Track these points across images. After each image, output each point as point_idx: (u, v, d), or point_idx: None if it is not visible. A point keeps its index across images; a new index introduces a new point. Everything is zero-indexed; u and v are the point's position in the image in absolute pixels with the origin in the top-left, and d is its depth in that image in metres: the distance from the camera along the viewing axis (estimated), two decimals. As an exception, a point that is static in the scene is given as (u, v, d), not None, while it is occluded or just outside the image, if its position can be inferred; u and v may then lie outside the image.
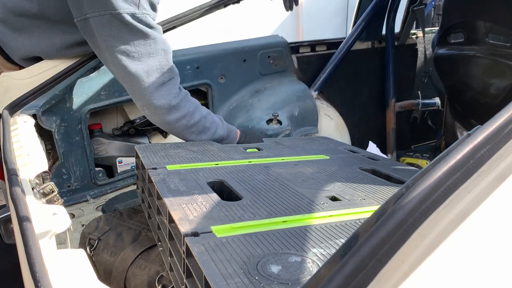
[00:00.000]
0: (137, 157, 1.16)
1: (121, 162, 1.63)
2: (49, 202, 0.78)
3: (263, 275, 0.57)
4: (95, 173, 1.52)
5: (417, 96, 2.34)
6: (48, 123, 1.33)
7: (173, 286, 0.82)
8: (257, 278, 0.57)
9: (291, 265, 0.60)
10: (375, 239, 0.39)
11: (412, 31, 2.43)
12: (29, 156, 0.90)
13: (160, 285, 0.90)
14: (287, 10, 1.66)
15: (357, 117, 2.27)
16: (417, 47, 2.45)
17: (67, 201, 1.46)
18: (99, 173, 1.54)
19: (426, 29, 2.41)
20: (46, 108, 1.30)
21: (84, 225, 1.28)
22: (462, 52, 1.92)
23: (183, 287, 0.71)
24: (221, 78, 1.81)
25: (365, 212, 0.82)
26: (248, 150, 1.27)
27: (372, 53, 2.28)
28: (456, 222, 0.43)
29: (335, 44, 2.16)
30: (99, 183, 1.54)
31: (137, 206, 1.22)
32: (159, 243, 0.92)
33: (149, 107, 1.23)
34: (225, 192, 0.94)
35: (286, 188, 0.93)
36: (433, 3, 2.63)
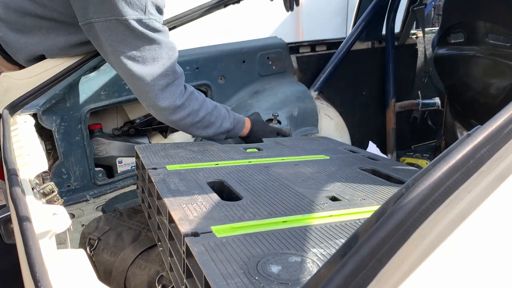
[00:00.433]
0: (137, 157, 1.16)
1: (121, 162, 1.63)
2: (49, 202, 0.78)
3: (263, 275, 0.57)
4: (95, 173, 1.52)
5: (417, 96, 2.34)
6: (48, 122, 1.33)
7: (173, 286, 0.82)
8: (257, 278, 0.57)
9: (291, 265, 0.60)
10: (375, 239, 0.39)
11: (412, 31, 2.43)
12: (29, 156, 0.90)
13: (160, 285, 0.90)
14: (288, 10, 1.65)
15: (357, 117, 2.27)
16: (417, 47, 2.45)
17: (67, 201, 1.46)
18: (99, 173, 1.54)
19: (426, 29, 2.41)
20: (46, 108, 1.30)
21: (84, 225, 1.28)
22: (462, 52, 1.92)
23: (183, 287, 0.71)
24: (220, 79, 1.82)
25: (365, 212, 0.82)
26: (248, 150, 1.27)
27: (372, 53, 2.28)
28: (456, 222, 0.43)
29: (335, 44, 2.16)
30: (99, 183, 1.54)
31: (137, 206, 1.22)
32: (159, 243, 0.92)
33: (154, 108, 1.25)
34: (225, 192, 0.94)
35: (286, 188, 0.93)
36: (433, 3, 2.63)
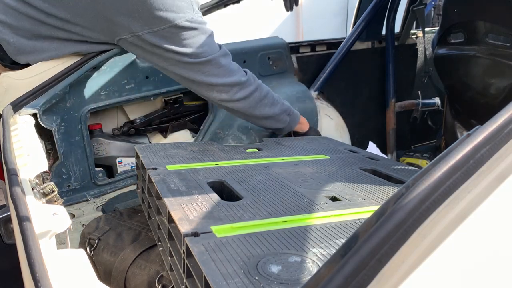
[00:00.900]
0: (137, 157, 1.16)
1: (121, 162, 1.63)
2: (49, 202, 0.77)
3: (263, 275, 0.57)
4: (95, 173, 1.52)
5: (417, 96, 2.34)
6: (48, 122, 1.33)
7: (173, 286, 0.82)
8: (257, 278, 0.57)
9: (291, 265, 0.60)
10: (375, 239, 0.39)
11: (412, 31, 2.43)
12: (29, 156, 0.90)
13: (160, 285, 0.90)
14: (287, 10, 1.66)
15: (357, 117, 2.27)
16: (417, 47, 2.45)
17: (67, 201, 1.46)
18: (99, 173, 1.54)
19: (426, 29, 2.41)
20: (47, 108, 1.30)
21: (84, 225, 1.28)
22: (462, 52, 1.92)
23: (183, 287, 0.71)
24: None
25: (365, 212, 0.82)
26: (248, 150, 1.28)
27: (372, 53, 2.28)
28: (456, 222, 0.43)
29: (335, 44, 2.16)
30: (99, 183, 1.54)
31: (137, 206, 1.22)
32: (159, 243, 0.92)
33: (225, 88, 1.31)
34: (225, 192, 0.94)
35: (286, 188, 0.93)
36: (433, 3, 2.62)
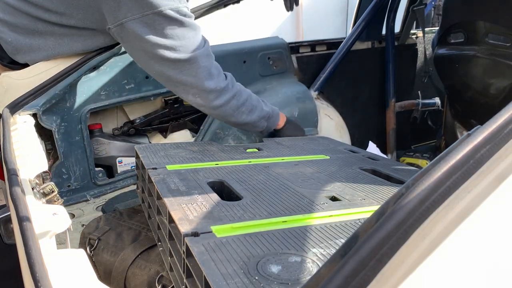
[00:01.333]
0: (137, 157, 1.16)
1: (121, 162, 1.63)
2: (49, 202, 0.77)
3: (263, 275, 0.57)
4: (95, 173, 1.52)
5: (417, 96, 2.34)
6: (48, 122, 1.33)
7: (173, 286, 0.82)
8: (257, 278, 0.57)
9: (291, 265, 0.60)
10: (375, 239, 0.39)
11: (412, 31, 2.43)
12: (29, 156, 0.90)
13: (160, 285, 0.90)
14: (288, 10, 1.66)
15: (357, 117, 2.27)
16: (417, 47, 2.45)
17: (67, 201, 1.46)
18: (99, 173, 1.54)
19: (426, 29, 2.41)
20: (47, 108, 1.30)
21: (84, 225, 1.28)
22: (462, 52, 1.92)
23: (183, 287, 0.71)
24: None
25: (365, 212, 0.82)
26: (248, 150, 1.28)
27: (372, 53, 2.28)
28: (456, 222, 0.43)
29: (335, 44, 2.16)
30: (99, 183, 1.54)
31: (137, 206, 1.22)
32: (159, 243, 0.92)
33: (201, 93, 1.26)
34: (225, 192, 0.94)
35: (286, 188, 0.93)
36: (433, 3, 2.62)
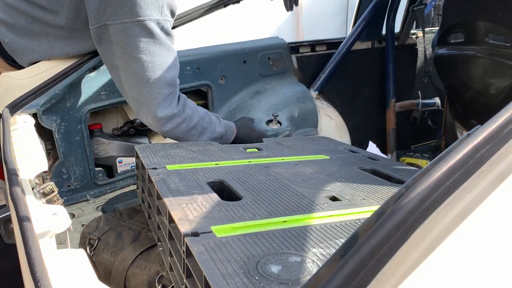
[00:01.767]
0: (137, 157, 1.16)
1: (121, 162, 1.63)
2: (49, 202, 0.77)
3: (263, 275, 0.57)
4: (95, 173, 1.52)
5: (417, 96, 2.34)
6: (48, 122, 1.33)
7: (173, 286, 0.82)
8: (257, 278, 0.57)
9: (291, 265, 0.60)
10: (375, 239, 0.39)
11: (412, 31, 2.43)
12: (29, 156, 0.90)
13: (160, 285, 0.90)
14: (287, 10, 1.66)
15: (357, 117, 2.27)
16: (417, 47, 2.45)
17: (67, 201, 1.46)
18: (99, 173, 1.54)
19: (426, 29, 2.41)
20: (47, 108, 1.30)
21: (84, 225, 1.28)
22: (462, 52, 1.92)
23: (183, 287, 0.71)
24: (221, 79, 1.81)
25: (365, 212, 0.82)
26: (248, 150, 1.27)
27: (372, 53, 2.28)
28: (456, 222, 0.43)
29: (335, 44, 2.16)
30: (99, 183, 1.54)
31: (137, 206, 1.22)
32: (159, 243, 0.92)
33: (152, 117, 1.25)
34: (225, 192, 0.94)
35: (286, 188, 0.93)
36: (433, 3, 2.62)
